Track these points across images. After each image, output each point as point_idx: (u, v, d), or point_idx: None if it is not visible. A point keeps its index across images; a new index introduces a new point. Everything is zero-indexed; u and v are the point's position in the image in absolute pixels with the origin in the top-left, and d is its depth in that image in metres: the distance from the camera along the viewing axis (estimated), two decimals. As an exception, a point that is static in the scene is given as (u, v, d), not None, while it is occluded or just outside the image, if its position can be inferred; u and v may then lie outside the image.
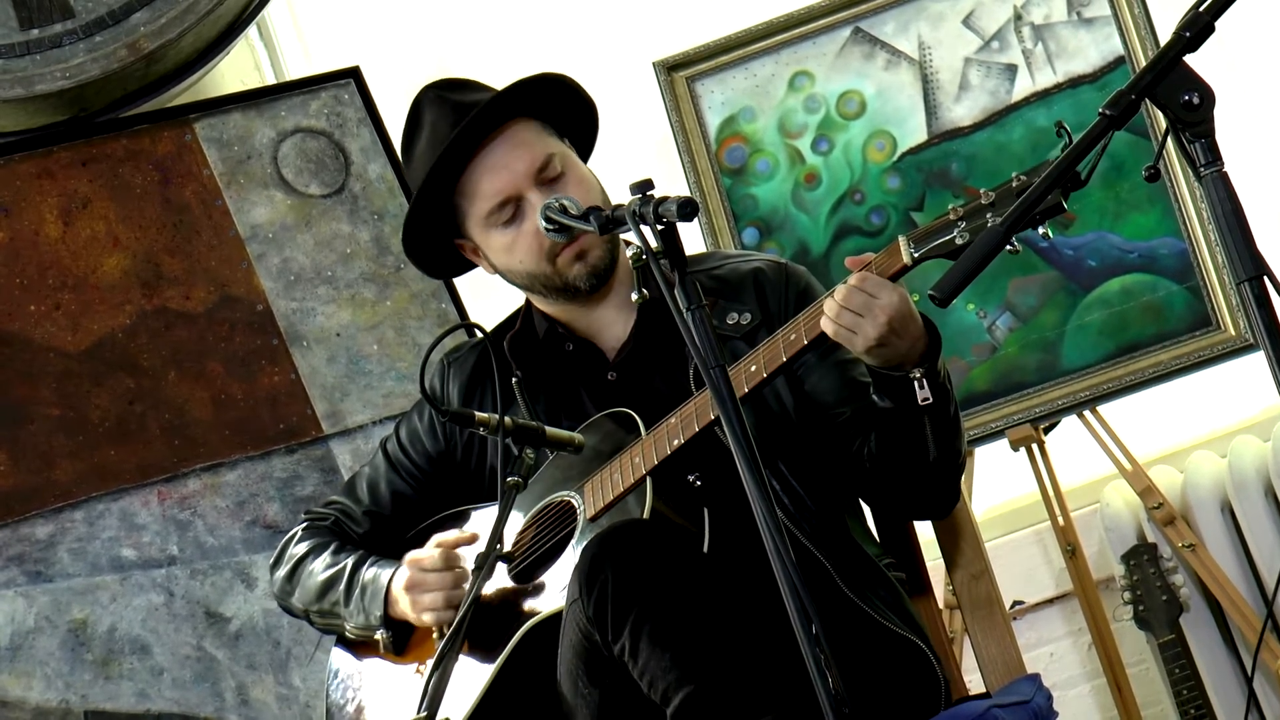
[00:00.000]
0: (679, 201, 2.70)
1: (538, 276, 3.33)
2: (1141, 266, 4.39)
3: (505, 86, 3.31)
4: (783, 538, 2.54)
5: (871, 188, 4.50)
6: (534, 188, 3.28)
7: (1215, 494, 4.53)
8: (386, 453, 3.55)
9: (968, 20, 4.47)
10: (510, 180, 3.29)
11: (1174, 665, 4.38)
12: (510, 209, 3.29)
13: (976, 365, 4.43)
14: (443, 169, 3.30)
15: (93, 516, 4.26)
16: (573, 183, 3.30)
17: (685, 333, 2.65)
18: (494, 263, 3.38)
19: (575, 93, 3.39)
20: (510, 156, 3.30)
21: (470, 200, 3.33)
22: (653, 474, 3.14)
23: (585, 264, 3.30)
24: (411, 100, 3.40)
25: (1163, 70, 2.44)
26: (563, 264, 3.29)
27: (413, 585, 3.27)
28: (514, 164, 3.29)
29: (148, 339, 4.32)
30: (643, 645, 2.91)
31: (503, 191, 3.29)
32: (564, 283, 3.31)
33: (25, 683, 4.15)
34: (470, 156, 3.31)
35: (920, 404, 3.02)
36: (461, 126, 3.27)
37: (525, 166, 3.29)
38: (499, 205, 3.30)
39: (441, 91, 3.36)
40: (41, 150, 4.35)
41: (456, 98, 3.33)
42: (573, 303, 3.37)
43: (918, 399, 3.02)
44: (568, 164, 3.33)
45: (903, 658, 3.15)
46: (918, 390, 3.02)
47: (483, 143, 3.31)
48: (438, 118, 3.32)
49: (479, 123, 3.28)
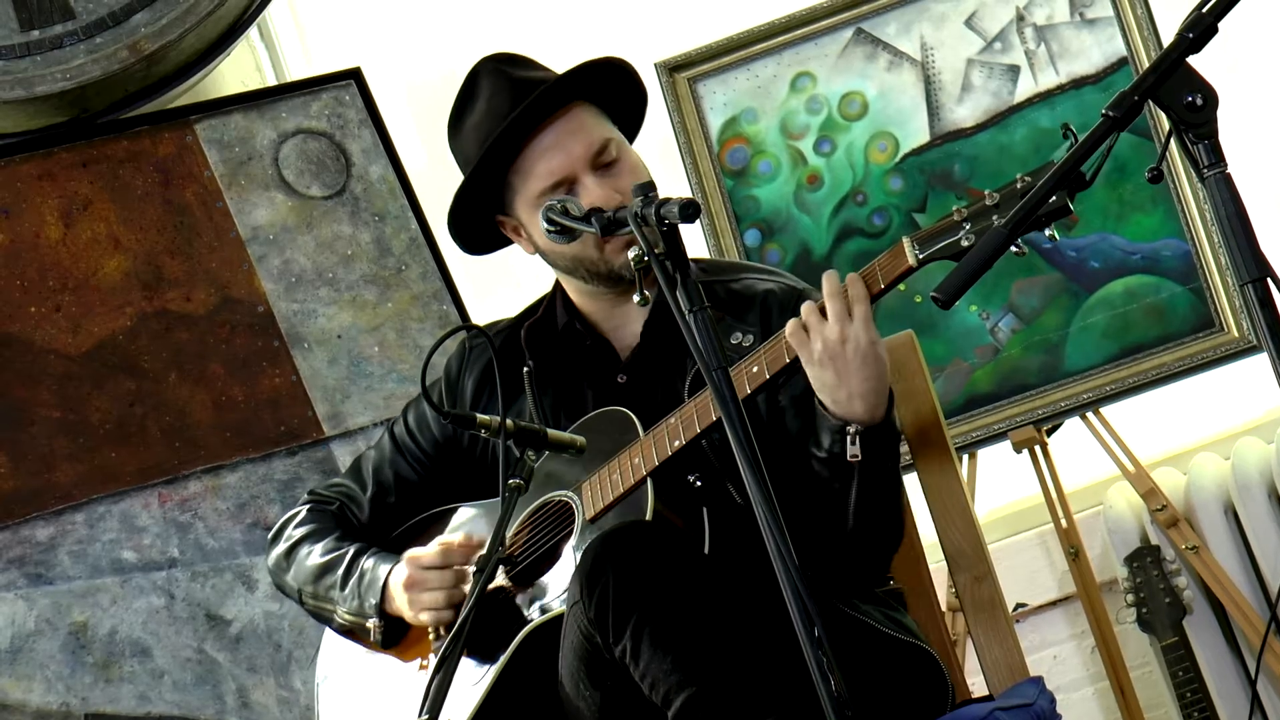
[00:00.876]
0: (681, 203, 2.69)
1: (583, 261, 3.30)
2: (1144, 268, 4.39)
3: (568, 69, 3.29)
4: (784, 539, 2.53)
5: (874, 189, 4.49)
6: (589, 171, 3.26)
7: (1218, 496, 4.53)
8: (393, 436, 3.53)
9: (970, 21, 4.47)
10: (566, 162, 3.26)
11: (1177, 668, 4.38)
12: (563, 191, 3.26)
13: (979, 367, 4.42)
14: (499, 146, 3.28)
15: (93, 519, 4.26)
16: (626, 170, 3.29)
17: (687, 333, 2.64)
18: (538, 244, 3.35)
19: (631, 80, 3.38)
20: (568, 139, 3.28)
21: (523, 179, 3.30)
22: (653, 475, 3.13)
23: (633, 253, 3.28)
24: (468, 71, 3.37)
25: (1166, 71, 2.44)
26: (610, 251, 3.26)
27: (412, 583, 3.26)
28: (572, 146, 3.27)
29: (148, 341, 4.32)
30: (644, 647, 2.90)
31: (557, 173, 3.26)
32: (609, 269, 3.29)
33: (25, 686, 4.15)
34: (528, 136, 3.28)
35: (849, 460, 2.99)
36: (524, 105, 3.24)
37: (583, 150, 3.27)
38: (552, 186, 3.27)
39: (502, 65, 3.33)
40: (42, 151, 4.35)
41: (518, 74, 3.31)
42: (610, 292, 3.34)
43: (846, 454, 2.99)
44: (622, 150, 3.31)
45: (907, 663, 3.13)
46: (849, 444, 2.99)
47: (541, 124, 3.28)
48: (496, 92, 3.30)
49: (540, 103, 3.26)
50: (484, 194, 3.36)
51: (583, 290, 3.37)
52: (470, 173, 3.32)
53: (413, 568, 3.27)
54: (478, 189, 3.34)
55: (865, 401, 2.98)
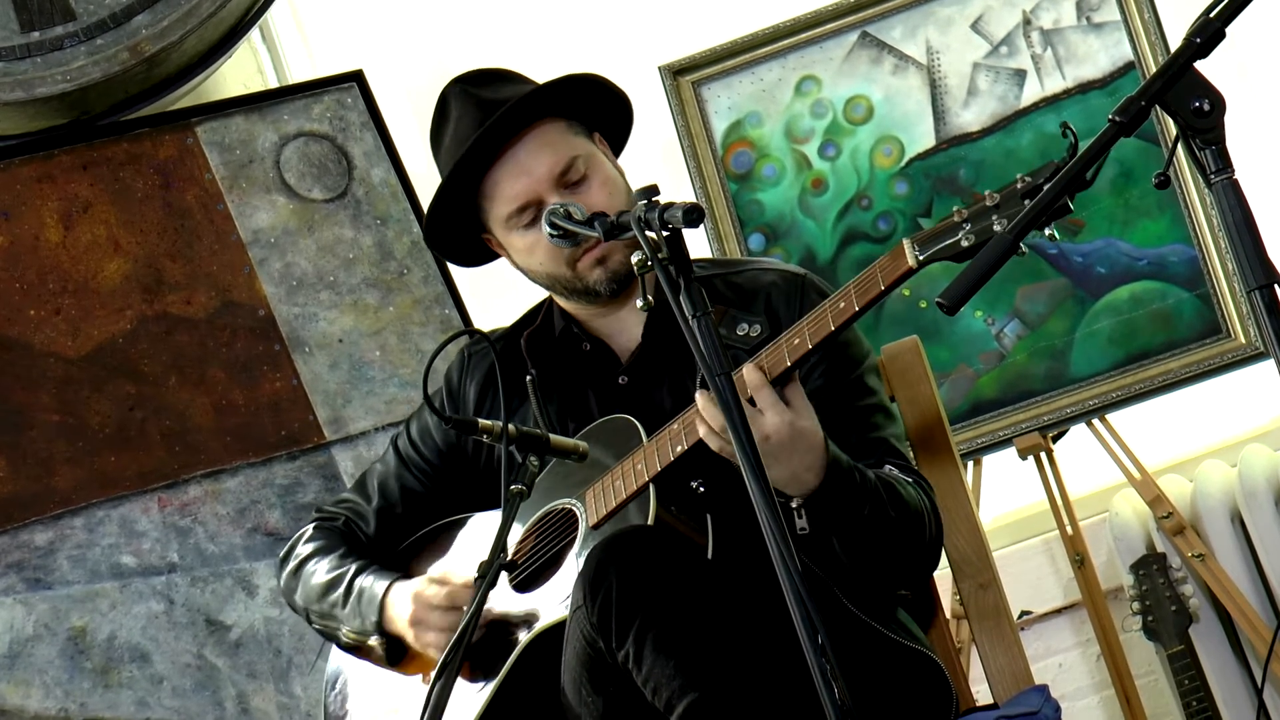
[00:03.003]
0: (685, 208, 2.69)
1: (558, 279, 3.30)
2: (1151, 274, 4.39)
3: (530, 89, 3.27)
4: (788, 544, 2.52)
5: (879, 193, 4.48)
6: (555, 192, 3.24)
7: (1225, 503, 4.52)
8: (398, 449, 3.54)
9: (976, 25, 4.46)
10: (530, 184, 3.25)
11: (1183, 676, 4.38)
12: (531, 212, 3.26)
13: (984, 373, 4.42)
14: (465, 168, 3.27)
15: (92, 523, 4.25)
16: (596, 185, 3.27)
17: (690, 339, 2.63)
18: (516, 262, 3.36)
19: (606, 90, 3.35)
20: (532, 160, 3.26)
21: (492, 201, 3.30)
22: (656, 481, 3.12)
23: (606, 269, 3.27)
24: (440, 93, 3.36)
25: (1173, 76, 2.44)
26: (583, 268, 3.27)
27: (416, 621, 3.26)
28: (535, 168, 3.25)
29: (148, 344, 4.32)
30: (647, 653, 2.90)
31: (521, 196, 3.26)
32: (584, 286, 3.29)
33: (24, 691, 4.15)
34: (494, 157, 3.27)
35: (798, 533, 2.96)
36: (485, 127, 3.23)
37: (546, 170, 3.25)
38: (519, 209, 3.27)
39: (468, 86, 3.32)
40: (42, 154, 4.35)
41: (484, 94, 3.29)
42: (593, 304, 3.34)
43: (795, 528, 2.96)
44: (592, 166, 3.28)
45: (911, 670, 3.12)
46: (796, 519, 2.96)
47: (507, 144, 3.27)
48: (463, 113, 3.29)
49: (503, 124, 3.25)
50: (462, 214, 3.35)
51: (568, 302, 3.38)
52: (436, 195, 3.32)
53: (418, 606, 3.27)
54: (454, 209, 3.34)
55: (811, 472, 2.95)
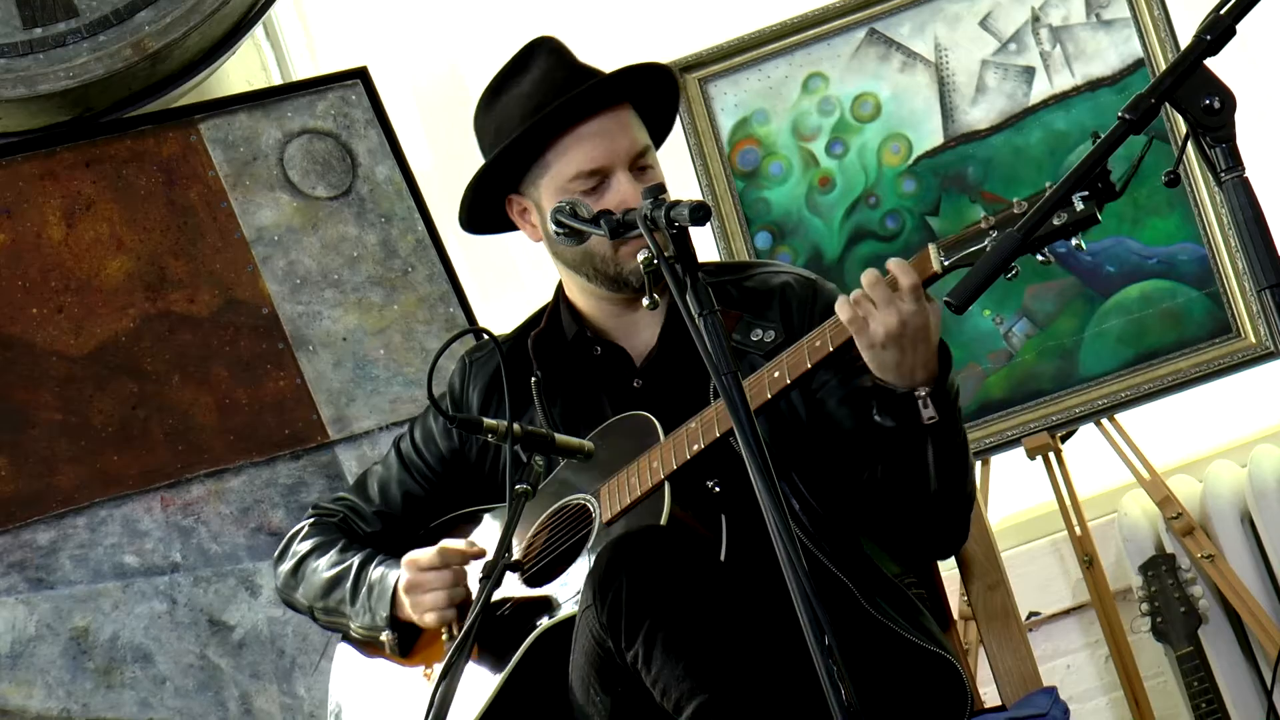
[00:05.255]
0: (691, 206, 2.69)
1: (593, 257, 3.29)
2: (1161, 272, 4.38)
3: (626, 66, 3.30)
4: (795, 546, 2.52)
5: (886, 191, 4.47)
6: (626, 170, 3.26)
7: (1235, 504, 4.52)
8: (400, 452, 3.54)
9: (985, 22, 4.45)
10: (610, 152, 3.26)
11: (1192, 678, 4.37)
12: (595, 180, 3.26)
13: (993, 372, 4.41)
14: (549, 118, 3.27)
15: (95, 523, 4.26)
16: (656, 179, 3.30)
17: (697, 338, 2.63)
18: (548, 230, 3.31)
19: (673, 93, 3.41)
20: (616, 131, 3.28)
21: (560, 159, 3.28)
22: (671, 479, 3.13)
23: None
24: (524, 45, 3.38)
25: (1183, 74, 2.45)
26: (624, 254, 3.26)
27: (412, 586, 3.27)
28: (618, 139, 3.27)
29: (151, 343, 4.31)
30: (656, 653, 2.90)
31: (599, 160, 3.26)
32: (617, 272, 3.29)
33: (26, 691, 4.15)
34: (576, 120, 3.28)
35: (926, 423, 3.00)
36: (584, 87, 3.25)
37: (628, 146, 3.27)
38: (589, 173, 3.26)
39: (559, 49, 3.35)
40: (44, 151, 4.34)
41: (574, 60, 3.34)
42: (615, 296, 3.33)
43: (922, 418, 3.00)
44: (654, 161, 3.33)
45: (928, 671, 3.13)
46: (922, 409, 3.00)
47: (597, 111, 3.28)
48: (553, 68, 3.31)
49: (596, 91, 3.27)
50: (510, 168, 3.34)
51: (587, 291, 3.36)
52: (511, 139, 3.29)
53: (412, 570, 3.28)
54: (509, 160, 3.32)
55: (926, 368, 3.00)
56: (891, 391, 3.01)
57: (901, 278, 2.94)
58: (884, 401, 3.03)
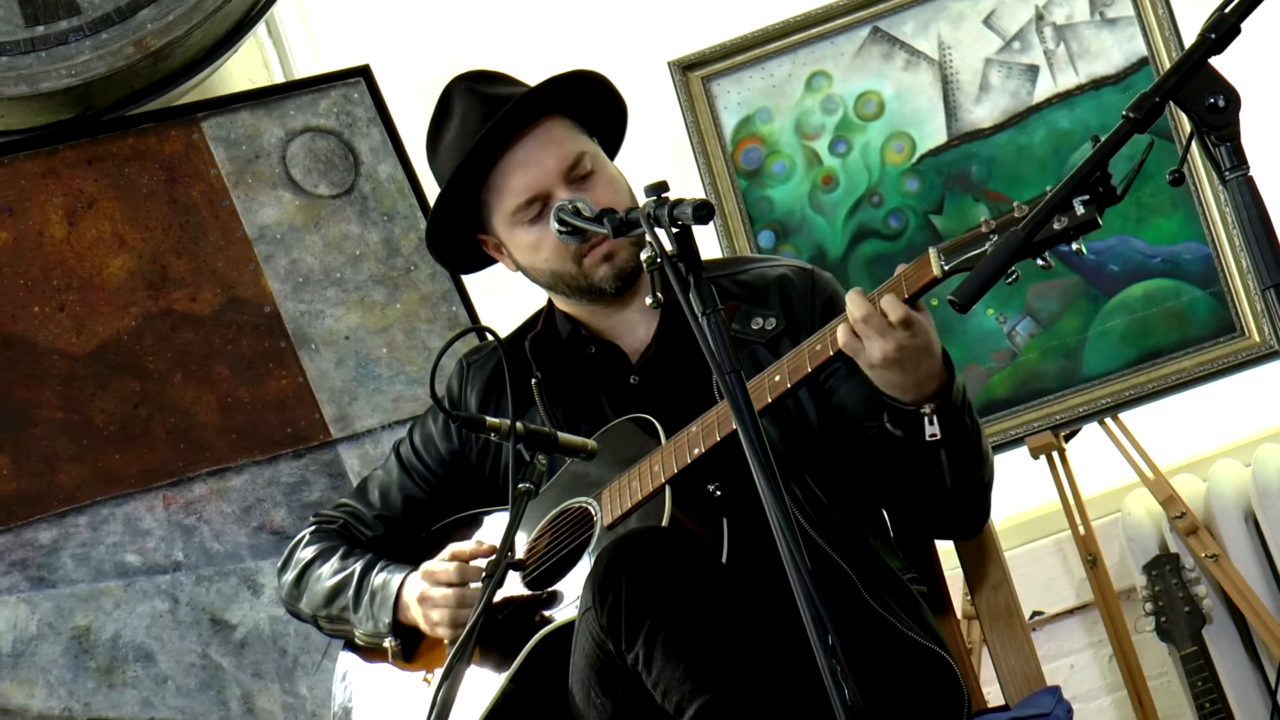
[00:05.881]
0: (694, 204, 2.69)
1: (562, 276, 3.31)
2: (1164, 271, 4.38)
3: (539, 83, 3.29)
4: (798, 546, 2.52)
5: (890, 190, 4.47)
6: (563, 186, 3.26)
7: (1239, 503, 4.52)
8: (399, 456, 3.54)
9: (988, 20, 4.45)
10: (539, 177, 3.26)
11: (1196, 678, 4.37)
12: (537, 207, 3.27)
13: (996, 371, 4.40)
14: (472, 163, 3.28)
15: (96, 522, 4.26)
16: (601, 183, 3.29)
17: (700, 337, 2.63)
18: (518, 260, 3.36)
19: (607, 91, 3.38)
20: (541, 153, 3.28)
21: (497, 196, 3.30)
22: (672, 483, 3.12)
23: (612, 266, 3.28)
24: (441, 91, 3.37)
25: (1188, 72, 2.44)
26: (589, 265, 3.28)
27: (425, 598, 3.26)
28: (544, 161, 3.27)
29: (153, 341, 4.31)
30: (657, 655, 2.89)
31: (531, 189, 3.27)
32: (589, 284, 3.30)
33: (27, 690, 4.15)
34: (500, 152, 3.28)
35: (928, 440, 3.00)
36: (494, 121, 3.24)
37: (555, 164, 3.27)
38: (526, 203, 3.28)
39: (473, 84, 3.34)
40: (46, 149, 4.35)
41: (488, 90, 3.32)
42: (597, 304, 3.35)
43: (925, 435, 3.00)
44: (597, 163, 3.31)
45: (925, 669, 3.12)
46: (926, 426, 3.00)
47: (513, 139, 3.28)
48: (468, 109, 3.30)
49: (511, 118, 3.26)
50: (462, 213, 3.36)
51: (570, 303, 3.35)
52: (444, 190, 3.33)
53: (427, 582, 3.27)
54: (455, 207, 3.35)
55: (934, 380, 3.00)
56: (897, 406, 3.02)
57: (890, 313, 2.93)
58: (893, 415, 3.04)
